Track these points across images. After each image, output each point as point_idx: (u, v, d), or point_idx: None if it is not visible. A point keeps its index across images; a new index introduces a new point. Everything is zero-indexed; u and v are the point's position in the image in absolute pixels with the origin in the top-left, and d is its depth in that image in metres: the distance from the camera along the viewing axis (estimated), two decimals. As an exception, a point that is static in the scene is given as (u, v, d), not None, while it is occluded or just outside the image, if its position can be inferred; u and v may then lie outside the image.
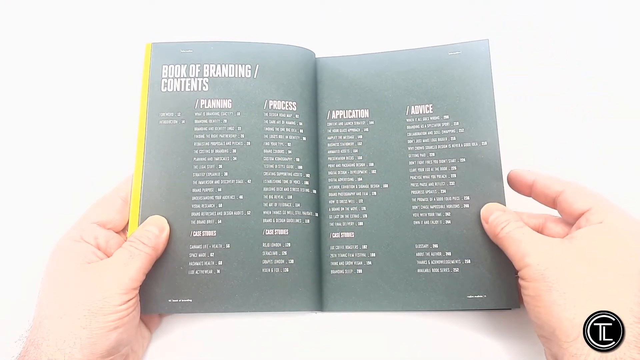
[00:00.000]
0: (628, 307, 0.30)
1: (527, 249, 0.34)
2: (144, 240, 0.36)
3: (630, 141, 0.46)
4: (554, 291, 0.31)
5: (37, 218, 0.44)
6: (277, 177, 0.41)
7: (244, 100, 0.42)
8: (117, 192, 0.39)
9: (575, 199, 0.36)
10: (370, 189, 0.42)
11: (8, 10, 0.51)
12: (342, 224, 0.42)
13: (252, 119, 0.42)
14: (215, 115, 0.42)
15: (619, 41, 0.48)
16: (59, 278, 0.34)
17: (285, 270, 0.39)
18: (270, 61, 0.43)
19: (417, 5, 0.50)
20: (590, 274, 0.31)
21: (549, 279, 0.32)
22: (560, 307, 0.31)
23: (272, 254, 0.39)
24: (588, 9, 0.49)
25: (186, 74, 0.42)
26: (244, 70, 0.42)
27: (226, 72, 0.42)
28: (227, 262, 0.39)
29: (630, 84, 0.47)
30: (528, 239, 0.35)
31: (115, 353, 0.34)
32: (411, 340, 0.40)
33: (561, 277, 0.32)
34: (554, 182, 0.37)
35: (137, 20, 0.50)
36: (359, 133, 0.43)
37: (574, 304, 0.30)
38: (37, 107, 0.47)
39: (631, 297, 0.30)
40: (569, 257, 0.33)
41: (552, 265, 0.32)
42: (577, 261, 0.32)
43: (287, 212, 0.40)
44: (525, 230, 0.36)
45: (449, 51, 0.44)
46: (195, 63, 0.42)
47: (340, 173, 0.43)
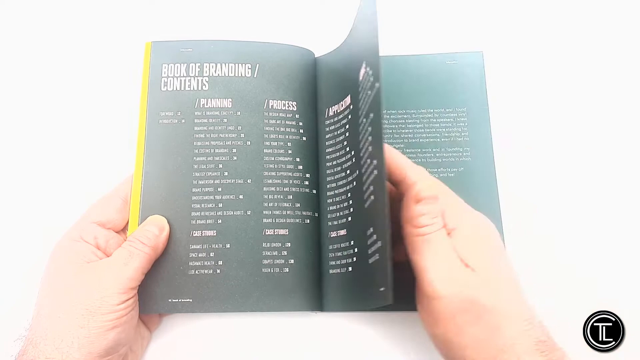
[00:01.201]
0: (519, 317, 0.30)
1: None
2: (143, 240, 0.36)
3: (624, 149, 0.46)
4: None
5: (37, 218, 0.44)
6: (277, 177, 0.41)
7: (244, 100, 0.42)
8: (117, 191, 0.39)
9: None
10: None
11: (6, 10, 0.51)
12: (339, 222, 0.42)
13: (252, 119, 0.42)
14: (215, 114, 0.42)
15: (612, 52, 0.48)
16: (58, 277, 0.34)
17: (285, 270, 0.39)
18: (271, 61, 0.43)
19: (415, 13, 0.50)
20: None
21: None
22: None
23: (272, 254, 0.39)
24: (583, 20, 0.49)
25: (186, 73, 0.42)
26: (244, 70, 0.42)
27: (226, 71, 0.42)
28: (227, 262, 0.39)
29: (622, 94, 0.47)
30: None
31: (114, 353, 0.34)
32: (411, 340, 0.40)
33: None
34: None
35: (136, 19, 0.50)
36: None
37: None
38: (36, 106, 0.47)
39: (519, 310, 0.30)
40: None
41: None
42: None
43: (287, 212, 0.40)
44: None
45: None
46: (195, 62, 0.42)
47: (336, 170, 0.43)
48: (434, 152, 0.43)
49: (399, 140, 0.43)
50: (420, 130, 0.43)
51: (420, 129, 0.43)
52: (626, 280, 0.41)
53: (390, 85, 0.44)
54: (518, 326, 0.29)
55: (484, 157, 0.42)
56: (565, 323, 0.38)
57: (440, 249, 0.31)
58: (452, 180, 0.42)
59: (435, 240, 0.31)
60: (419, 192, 0.32)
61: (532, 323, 0.29)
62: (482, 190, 0.42)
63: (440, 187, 0.34)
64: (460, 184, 0.42)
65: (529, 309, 0.30)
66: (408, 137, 0.43)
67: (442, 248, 0.31)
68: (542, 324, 0.30)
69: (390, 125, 0.44)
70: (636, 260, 0.42)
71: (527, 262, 0.41)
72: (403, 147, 0.43)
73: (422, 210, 0.32)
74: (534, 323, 0.29)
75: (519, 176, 0.44)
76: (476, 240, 0.32)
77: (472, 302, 0.29)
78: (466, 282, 0.29)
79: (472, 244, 0.31)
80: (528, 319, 0.29)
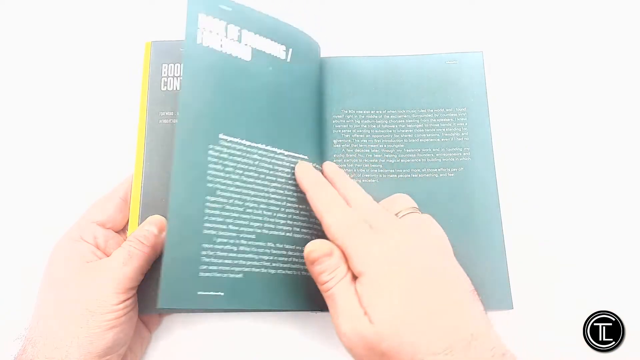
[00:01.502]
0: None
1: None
2: (142, 240, 0.36)
3: (624, 149, 0.46)
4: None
5: (37, 218, 0.44)
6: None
7: None
8: (116, 191, 0.39)
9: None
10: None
11: (6, 9, 0.51)
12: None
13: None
14: None
15: (613, 52, 0.48)
16: (58, 277, 0.34)
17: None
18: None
19: (415, 13, 0.50)
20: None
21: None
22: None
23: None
24: (583, 21, 0.49)
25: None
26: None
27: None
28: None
29: (622, 94, 0.47)
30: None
31: (113, 352, 0.34)
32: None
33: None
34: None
35: (136, 19, 0.50)
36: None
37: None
38: (36, 106, 0.47)
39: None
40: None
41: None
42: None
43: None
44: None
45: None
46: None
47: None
48: (434, 152, 0.43)
49: (399, 140, 0.43)
50: (420, 130, 0.43)
51: (420, 129, 0.43)
52: (626, 280, 0.41)
53: (390, 85, 0.44)
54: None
55: (484, 157, 0.42)
56: (565, 323, 0.38)
57: (341, 303, 0.30)
58: (452, 180, 0.42)
59: (338, 294, 0.31)
60: (309, 255, 0.32)
61: (452, 351, 0.27)
62: (482, 190, 0.41)
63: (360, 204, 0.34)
64: (460, 184, 0.42)
65: (451, 337, 0.28)
66: (408, 137, 0.43)
67: (343, 301, 0.30)
68: (486, 341, 0.28)
69: (390, 125, 0.44)
70: (636, 260, 0.42)
71: (527, 262, 0.41)
72: (403, 147, 0.43)
73: (319, 270, 0.32)
74: (455, 350, 0.27)
75: (519, 176, 0.44)
76: (384, 278, 0.30)
77: (373, 350, 0.28)
78: (365, 334, 0.29)
79: (377, 287, 0.30)
80: (444, 350, 0.27)
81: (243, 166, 0.37)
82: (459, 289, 0.30)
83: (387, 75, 0.45)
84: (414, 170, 0.42)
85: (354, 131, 0.44)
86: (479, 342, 0.28)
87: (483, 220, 0.41)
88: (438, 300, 0.29)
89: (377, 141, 0.43)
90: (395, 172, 0.42)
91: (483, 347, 0.28)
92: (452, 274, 0.31)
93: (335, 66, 0.45)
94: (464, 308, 0.30)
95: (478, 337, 0.28)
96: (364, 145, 0.43)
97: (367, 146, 0.43)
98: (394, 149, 0.43)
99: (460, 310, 0.29)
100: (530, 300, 0.40)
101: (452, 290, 0.30)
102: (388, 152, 0.43)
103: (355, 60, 0.45)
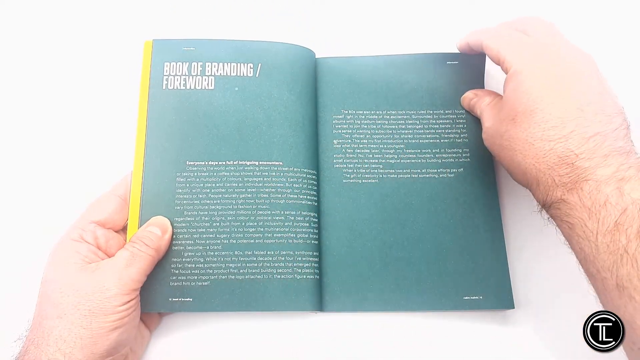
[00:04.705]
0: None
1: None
2: (146, 242, 0.36)
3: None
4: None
5: (36, 218, 0.43)
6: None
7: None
8: (115, 190, 0.39)
9: (490, 52, 0.37)
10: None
11: (6, 9, 0.50)
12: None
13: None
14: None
15: (612, 53, 0.48)
16: (59, 278, 0.34)
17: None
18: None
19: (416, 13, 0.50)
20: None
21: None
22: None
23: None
24: (582, 21, 0.50)
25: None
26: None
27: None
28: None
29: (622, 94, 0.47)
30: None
31: (115, 353, 0.34)
32: (410, 340, 0.40)
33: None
34: (477, 37, 0.39)
35: (136, 18, 0.50)
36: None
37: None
38: (35, 106, 0.47)
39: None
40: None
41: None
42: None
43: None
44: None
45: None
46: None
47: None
48: (434, 152, 0.43)
49: (399, 141, 0.43)
50: (420, 131, 0.43)
51: (420, 130, 0.43)
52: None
53: (391, 85, 0.44)
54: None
55: (483, 158, 0.42)
56: (565, 323, 0.38)
57: (486, 115, 0.39)
58: (452, 181, 0.42)
59: (485, 111, 0.40)
60: (462, 101, 0.44)
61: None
62: (482, 191, 0.42)
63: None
64: (460, 184, 0.42)
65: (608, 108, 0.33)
66: (408, 138, 0.43)
67: (487, 114, 0.39)
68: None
69: (390, 126, 0.44)
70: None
71: (527, 261, 0.42)
72: (403, 147, 0.43)
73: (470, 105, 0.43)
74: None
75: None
76: (529, 67, 0.34)
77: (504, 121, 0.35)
78: (500, 116, 0.36)
79: (521, 75, 0.34)
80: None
81: (210, 184, 0.39)
82: (606, 103, 0.34)
83: (387, 75, 0.45)
84: (414, 171, 0.43)
85: (354, 131, 0.44)
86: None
87: (483, 220, 0.41)
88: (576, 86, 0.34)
89: (377, 141, 0.43)
90: (395, 172, 0.43)
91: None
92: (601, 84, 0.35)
93: (335, 66, 0.45)
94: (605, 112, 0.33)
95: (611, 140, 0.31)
96: (364, 145, 0.43)
97: (367, 146, 0.43)
98: (394, 149, 0.43)
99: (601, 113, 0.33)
100: (531, 300, 0.41)
101: (595, 96, 0.34)
102: (388, 152, 0.43)
103: (355, 60, 0.45)
